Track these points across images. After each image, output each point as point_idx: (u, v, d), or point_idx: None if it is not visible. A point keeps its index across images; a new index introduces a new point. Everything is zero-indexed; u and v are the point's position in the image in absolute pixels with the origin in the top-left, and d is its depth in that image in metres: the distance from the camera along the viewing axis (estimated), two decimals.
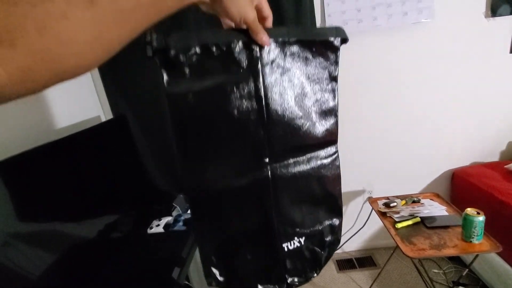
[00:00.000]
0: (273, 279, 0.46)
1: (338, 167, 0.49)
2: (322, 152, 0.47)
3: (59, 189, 1.03)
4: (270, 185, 0.43)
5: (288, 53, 0.42)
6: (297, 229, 0.47)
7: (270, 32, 0.39)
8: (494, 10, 1.46)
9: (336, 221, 0.52)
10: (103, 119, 1.62)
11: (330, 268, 1.82)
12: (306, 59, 0.43)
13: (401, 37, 1.52)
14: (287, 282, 0.47)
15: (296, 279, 0.47)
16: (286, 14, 1.43)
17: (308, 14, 1.45)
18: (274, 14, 0.41)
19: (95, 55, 0.24)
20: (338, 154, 0.49)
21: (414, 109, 1.64)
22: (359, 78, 1.59)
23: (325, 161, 0.47)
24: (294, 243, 0.47)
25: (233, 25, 0.39)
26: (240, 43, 0.38)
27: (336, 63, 0.46)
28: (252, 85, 0.40)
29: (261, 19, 0.39)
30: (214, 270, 0.42)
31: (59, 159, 1.05)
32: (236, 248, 0.44)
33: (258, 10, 0.38)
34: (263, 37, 0.39)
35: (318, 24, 1.50)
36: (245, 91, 0.40)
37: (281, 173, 0.44)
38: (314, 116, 0.45)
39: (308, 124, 0.44)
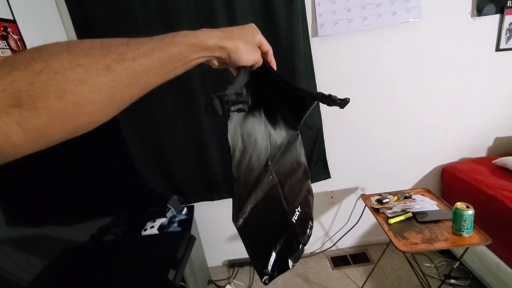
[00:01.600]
0: (294, 248, 0.56)
1: (301, 142, 0.62)
2: (292, 139, 0.60)
3: (50, 192, 1.01)
4: (277, 183, 0.53)
5: (274, 93, 0.50)
6: (295, 203, 0.59)
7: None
8: (480, 10, 1.50)
9: (309, 183, 0.64)
10: None
11: (325, 265, 1.84)
12: (280, 92, 0.52)
13: (391, 36, 1.54)
14: (302, 242, 0.58)
15: (305, 237, 0.60)
16: (278, 14, 1.44)
17: (300, 14, 1.46)
18: (266, 14, 0.43)
19: (106, 112, 0.26)
20: (299, 133, 0.61)
21: (404, 107, 1.67)
22: (349, 77, 1.62)
23: (295, 143, 0.61)
24: (297, 214, 0.58)
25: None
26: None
27: (305, 105, 0.55)
28: (262, 111, 0.49)
29: (263, 54, 0.44)
30: (265, 270, 0.48)
31: (49, 162, 1.03)
32: (271, 242, 0.52)
33: (259, 47, 0.43)
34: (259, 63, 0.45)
35: (310, 23, 1.51)
36: (259, 118, 0.49)
37: (276, 168, 0.54)
38: (282, 121, 0.58)
39: (279, 127, 0.57)
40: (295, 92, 0.50)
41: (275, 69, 0.48)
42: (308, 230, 0.61)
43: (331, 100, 0.46)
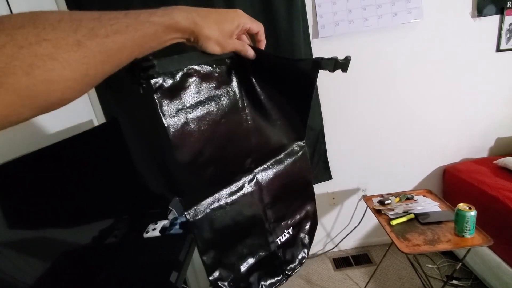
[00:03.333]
0: (273, 273, 0.49)
1: (307, 158, 0.55)
2: (295, 149, 0.53)
3: (52, 195, 1.01)
4: (261, 190, 0.47)
5: (262, 76, 0.44)
6: (284, 223, 0.52)
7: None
8: (480, 10, 1.50)
9: (312, 206, 0.57)
10: (96, 123, 1.60)
11: (326, 266, 1.83)
12: (277, 82, 0.45)
13: (392, 37, 1.54)
14: (285, 271, 0.51)
15: (292, 266, 0.52)
16: (278, 15, 1.45)
17: (300, 15, 1.46)
18: (266, 16, 0.41)
19: (79, 89, 0.25)
20: (306, 148, 0.54)
21: (405, 107, 1.67)
22: (350, 78, 1.61)
23: (296, 156, 0.53)
24: (284, 236, 0.51)
25: None
26: (224, 64, 0.40)
27: (306, 87, 0.45)
28: (238, 100, 0.43)
29: (255, 35, 0.43)
30: (221, 283, 0.44)
31: (51, 165, 1.03)
32: (239, 257, 0.46)
33: (256, 35, 0.41)
34: (248, 51, 0.41)
35: (310, 24, 1.52)
36: (234, 105, 0.42)
37: (263, 175, 0.48)
38: (281, 124, 0.49)
39: (277, 131, 0.49)
40: (294, 64, 0.44)
41: (263, 49, 0.44)
42: (297, 260, 0.53)
43: (334, 62, 0.41)
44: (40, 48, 0.21)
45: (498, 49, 1.57)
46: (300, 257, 0.54)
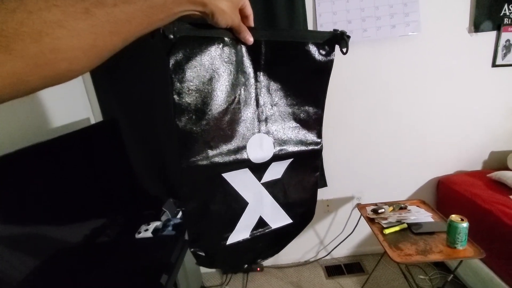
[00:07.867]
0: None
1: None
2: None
3: (45, 191, 1.01)
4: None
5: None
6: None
7: (255, 33, 0.43)
8: (477, 26, 1.53)
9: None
10: (93, 121, 1.60)
11: (319, 274, 1.82)
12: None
13: (389, 48, 1.57)
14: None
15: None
16: (280, 24, 1.47)
17: (301, 25, 1.48)
18: (268, 24, 0.43)
19: (88, 61, 0.25)
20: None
21: (401, 118, 1.69)
22: (348, 87, 1.63)
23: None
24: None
25: None
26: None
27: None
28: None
29: (243, 17, 0.42)
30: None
31: (46, 160, 1.02)
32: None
33: (241, 10, 0.41)
34: (246, 35, 0.42)
35: None
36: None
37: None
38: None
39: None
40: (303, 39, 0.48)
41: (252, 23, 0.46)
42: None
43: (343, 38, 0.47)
44: (49, 14, 0.21)
45: (494, 65, 1.59)
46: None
